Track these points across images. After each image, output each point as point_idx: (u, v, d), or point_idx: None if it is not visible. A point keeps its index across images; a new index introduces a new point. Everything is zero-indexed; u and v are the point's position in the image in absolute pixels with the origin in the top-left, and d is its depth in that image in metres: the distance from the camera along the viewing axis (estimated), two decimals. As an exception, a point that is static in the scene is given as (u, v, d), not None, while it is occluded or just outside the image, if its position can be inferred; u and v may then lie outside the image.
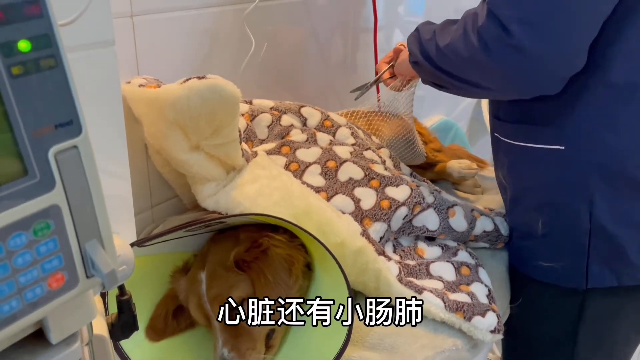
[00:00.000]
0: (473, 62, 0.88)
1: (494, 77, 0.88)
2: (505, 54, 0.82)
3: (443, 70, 0.97)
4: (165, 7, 1.03)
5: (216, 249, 0.87)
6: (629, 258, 0.94)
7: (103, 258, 0.40)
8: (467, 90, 0.97)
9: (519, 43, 0.80)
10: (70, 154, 0.37)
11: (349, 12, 1.60)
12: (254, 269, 0.84)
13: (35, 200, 0.36)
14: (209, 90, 0.87)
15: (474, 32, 0.86)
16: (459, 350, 0.87)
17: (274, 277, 0.83)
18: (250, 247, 0.85)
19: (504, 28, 0.81)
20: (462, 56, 0.89)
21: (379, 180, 1.04)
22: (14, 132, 0.34)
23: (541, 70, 0.83)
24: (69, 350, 0.45)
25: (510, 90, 0.92)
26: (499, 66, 0.84)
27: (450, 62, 0.94)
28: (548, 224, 1.00)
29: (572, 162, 0.92)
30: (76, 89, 0.37)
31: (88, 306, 0.46)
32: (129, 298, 0.56)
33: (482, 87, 0.93)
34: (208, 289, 0.83)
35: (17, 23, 0.33)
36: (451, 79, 0.97)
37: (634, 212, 0.92)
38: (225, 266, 0.84)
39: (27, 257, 0.37)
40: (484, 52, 0.85)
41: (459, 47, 0.90)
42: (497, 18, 0.82)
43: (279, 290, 0.83)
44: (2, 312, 0.37)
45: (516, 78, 0.85)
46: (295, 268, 0.85)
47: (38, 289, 0.38)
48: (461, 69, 0.93)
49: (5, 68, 0.33)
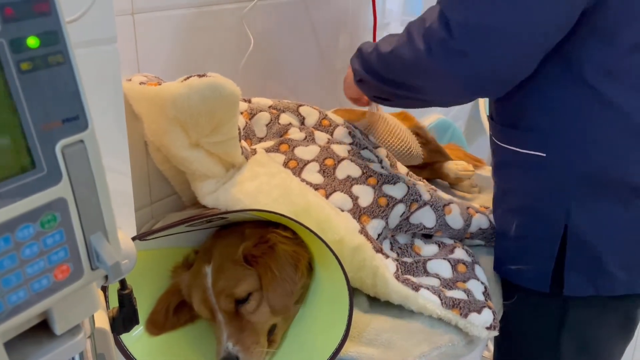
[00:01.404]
0: (416, 66, 0.90)
1: (436, 80, 0.89)
2: (448, 57, 0.84)
3: (386, 80, 0.99)
4: (165, 5, 1.04)
5: (221, 244, 0.88)
6: (607, 269, 0.94)
7: (108, 250, 0.41)
8: (411, 98, 0.99)
9: (460, 47, 0.82)
10: (77, 148, 0.38)
11: (348, 11, 1.61)
12: (261, 264, 0.85)
13: (43, 193, 0.37)
14: (209, 89, 0.88)
15: (419, 35, 0.88)
16: (455, 346, 0.88)
17: (280, 273, 0.85)
18: (258, 242, 0.86)
19: (448, 30, 0.82)
20: (405, 60, 0.91)
21: (377, 178, 1.05)
22: (23, 127, 0.35)
23: (481, 76, 0.85)
24: (74, 341, 0.46)
25: (452, 94, 0.94)
26: (440, 69, 0.86)
27: (393, 68, 0.96)
28: (521, 227, 1.00)
29: (553, 170, 0.93)
30: (83, 85, 0.38)
31: (92, 298, 0.47)
32: (130, 292, 0.57)
33: (425, 93, 0.94)
34: (214, 283, 0.84)
35: (26, 20, 0.34)
36: (394, 87, 0.98)
37: (612, 223, 0.92)
38: (233, 260, 0.85)
39: (34, 249, 0.38)
40: (428, 54, 0.86)
41: (403, 52, 0.91)
42: (446, 20, 0.83)
43: (285, 286, 0.85)
44: (9, 302, 0.37)
45: (455, 81, 0.87)
46: (301, 264, 0.87)
47: (44, 280, 0.39)
48: (404, 74, 0.95)
49: (15, 64, 0.34)
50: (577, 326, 1.01)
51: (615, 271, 0.94)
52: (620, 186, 0.89)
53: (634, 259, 0.94)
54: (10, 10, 0.33)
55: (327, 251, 0.81)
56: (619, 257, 0.93)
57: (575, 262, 0.95)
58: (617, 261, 0.93)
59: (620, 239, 0.93)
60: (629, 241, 0.93)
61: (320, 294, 0.89)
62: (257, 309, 0.84)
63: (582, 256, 0.94)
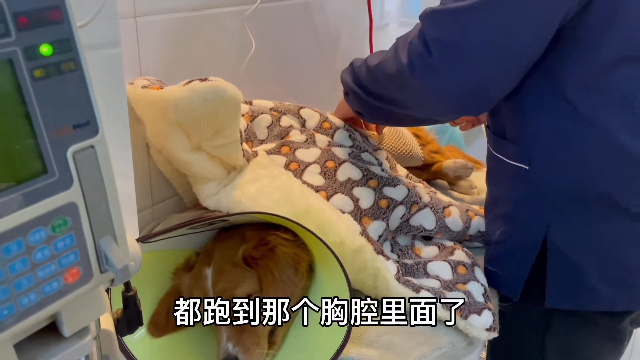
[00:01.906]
0: (398, 79, 0.90)
1: (418, 96, 0.90)
2: (425, 73, 0.84)
3: (372, 93, 1.00)
4: (167, 8, 1.04)
5: (222, 246, 0.89)
6: (588, 283, 0.93)
7: (117, 254, 0.42)
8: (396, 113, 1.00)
9: (436, 63, 0.82)
10: (88, 153, 0.39)
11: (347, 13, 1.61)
12: (261, 266, 0.85)
13: (54, 197, 0.38)
14: (210, 93, 0.88)
15: (403, 49, 0.89)
16: (455, 348, 0.89)
17: (280, 275, 0.85)
18: (258, 244, 0.87)
19: (426, 47, 0.83)
20: (389, 73, 0.92)
21: (377, 180, 1.06)
22: (35, 133, 0.36)
23: (460, 93, 0.84)
24: (81, 343, 0.46)
25: (434, 111, 0.94)
26: (418, 84, 0.86)
27: (379, 81, 0.98)
28: (504, 234, 1.01)
29: (535, 182, 0.93)
30: (93, 91, 0.38)
31: (99, 300, 0.48)
32: (134, 294, 0.57)
33: (408, 108, 0.95)
34: (214, 284, 0.85)
35: (39, 28, 0.35)
36: (380, 102, 1.00)
37: (590, 238, 0.92)
38: (233, 262, 0.86)
39: (45, 252, 0.38)
40: (409, 68, 0.86)
41: (388, 65, 0.92)
42: (424, 36, 0.84)
43: (285, 288, 0.85)
44: (21, 305, 0.38)
45: (434, 98, 0.87)
46: (301, 266, 0.87)
47: (55, 283, 0.40)
48: (387, 86, 0.96)
49: (28, 71, 0.35)
50: (562, 335, 1.02)
51: (598, 285, 0.93)
52: (600, 201, 0.89)
53: (617, 275, 0.93)
54: (24, 19, 0.34)
55: (328, 253, 0.82)
56: (601, 272, 0.93)
57: (556, 274, 0.95)
58: (599, 276, 0.93)
59: (601, 254, 0.92)
60: (611, 257, 0.92)
61: (321, 295, 0.90)
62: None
63: (563, 269, 0.94)
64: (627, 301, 0.96)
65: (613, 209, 0.89)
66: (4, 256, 0.36)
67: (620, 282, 0.93)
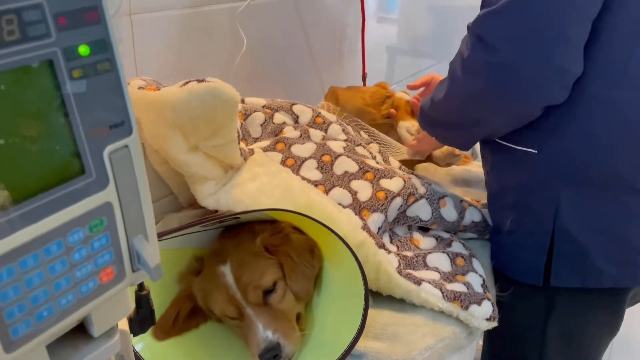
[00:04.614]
0: (471, 99, 0.92)
1: (496, 102, 0.90)
2: (497, 74, 0.85)
3: (454, 125, 1.04)
4: (162, 5, 1.04)
5: (233, 243, 0.90)
6: (593, 262, 0.96)
7: (149, 252, 0.42)
8: (477, 131, 1.02)
9: (507, 59, 0.82)
10: (122, 153, 0.39)
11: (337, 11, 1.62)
12: (281, 252, 0.87)
13: (92, 197, 0.38)
14: (208, 94, 0.88)
15: (461, 68, 0.90)
16: (457, 338, 0.90)
17: (300, 259, 0.87)
18: (273, 233, 0.89)
19: (490, 47, 0.83)
20: (460, 99, 0.94)
21: (373, 172, 1.07)
22: (74, 133, 0.36)
23: (536, 82, 0.84)
24: (110, 343, 0.47)
25: (515, 109, 0.92)
26: (494, 89, 0.87)
27: (451, 111, 1.00)
28: (515, 222, 1.03)
29: (544, 166, 0.95)
30: (128, 91, 0.38)
31: (126, 300, 0.48)
32: (147, 293, 0.57)
33: (489, 121, 0.96)
34: (238, 278, 0.85)
35: (78, 29, 0.35)
36: (459, 130, 1.03)
37: (598, 218, 0.94)
38: (253, 253, 0.87)
39: (83, 253, 0.38)
40: (476, 80, 0.88)
41: (454, 93, 0.94)
42: (483, 39, 0.84)
43: (305, 271, 0.88)
44: (59, 306, 0.38)
45: (514, 95, 0.87)
46: (317, 249, 0.89)
47: (91, 282, 0.40)
48: (463, 112, 0.98)
49: (67, 72, 0.35)
50: (564, 317, 1.04)
51: (603, 265, 0.96)
52: (609, 182, 0.91)
53: (622, 253, 0.96)
54: (64, 19, 0.34)
55: (335, 249, 0.83)
56: (607, 252, 0.96)
57: (562, 255, 0.97)
58: (604, 255, 0.96)
59: (607, 234, 0.95)
60: (616, 236, 0.95)
61: (327, 291, 0.91)
62: (284, 297, 0.86)
63: (570, 249, 0.96)
64: (630, 278, 0.98)
65: (621, 188, 0.91)
66: (45, 257, 0.36)
67: (624, 260, 0.96)
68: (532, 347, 1.09)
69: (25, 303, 0.36)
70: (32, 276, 0.36)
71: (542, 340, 1.06)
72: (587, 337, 1.07)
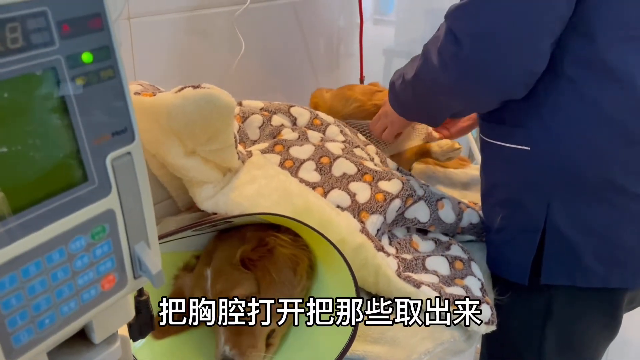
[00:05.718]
0: (437, 85, 0.93)
1: (459, 93, 0.93)
2: (463, 68, 0.86)
3: (419, 103, 1.05)
4: (160, 9, 1.04)
5: (223, 247, 0.89)
6: (583, 261, 0.96)
7: (151, 259, 0.42)
8: (441, 110, 1.04)
9: (472, 55, 0.84)
10: (125, 160, 0.39)
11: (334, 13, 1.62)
12: (259, 267, 0.85)
13: (94, 205, 0.38)
14: (203, 100, 0.88)
15: (435, 53, 0.91)
16: (456, 342, 0.90)
17: (278, 276, 0.85)
18: (257, 245, 0.86)
19: (457, 42, 0.85)
20: (426, 83, 0.95)
21: (372, 174, 1.07)
22: (77, 141, 0.36)
23: (497, 78, 0.87)
24: (111, 349, 0.47)
25: (477, 101, 0.97)
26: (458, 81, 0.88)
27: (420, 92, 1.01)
28: (506, 219, 1.03)
29: (536, 163, 0.95)
30: (131, 98, 0.38)
31: (127, 307, 0.48)
32: (147, 298, 0.57)
33: (453, 107, 0.98)
34: (213, 285, 0.84)
35: (81, 36, 0.35)
36: (427, 107, 1.04)
37: (589, 218, 0.94)
38: (231, 263, 0.85)
39: (85, 260, 0.38)
40: (444, 71, 0.89)
41: (424, 74, 0.95)
42: (453, 33, 0.85)
43: (283, 290, 0.85)
44: (61, 313, 0.38)
45: (477, 90, 0.90)
46: (300, 268, 0.87)
47: (93, 290, 0.40)
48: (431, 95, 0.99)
49: (70, 79, 0.35)
50: (562, 319, 1.04)
51: (592, 264, 0.96)
52: (600, 183, 0.91)
53: (611, 254, 0.96)
54: (67, 26, 0.34)
55: (331, 251, 0.83)
56: (596, 251, 0.96)
57: (553, 253, 0.97)
58: (593, 255, 0.96)
59: (597, 234, 0.95)
60: (606, 237, 0.95)
61: (324, 294, 0.90)
62: None
63: (560, 247, 0.96)
64: (619, 278, 0.98)
65: (612, 188, 0.91)
66: (47, 265, 0.36)
67: (614, 260, 0.96)
68: (530, 350, 1.09)
69: (27, 311, 0.36)
70: (34, 284, 0.36)
71: (540, 343, 1.07)
72: (585, 341, 1.07)
